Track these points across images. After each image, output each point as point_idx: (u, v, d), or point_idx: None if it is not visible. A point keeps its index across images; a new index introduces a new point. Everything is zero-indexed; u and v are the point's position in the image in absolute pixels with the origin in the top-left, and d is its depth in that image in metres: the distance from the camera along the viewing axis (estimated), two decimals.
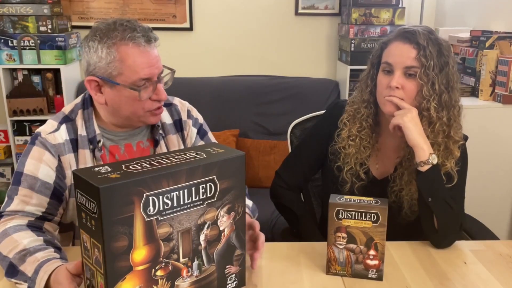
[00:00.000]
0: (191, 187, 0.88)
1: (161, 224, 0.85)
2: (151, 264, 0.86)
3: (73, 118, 1.24)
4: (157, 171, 0.83)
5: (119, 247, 0.81)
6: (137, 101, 1.17)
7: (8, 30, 2.70)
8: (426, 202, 1.22)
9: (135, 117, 1.21)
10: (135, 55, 1.14)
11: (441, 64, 1.23)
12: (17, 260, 1.02)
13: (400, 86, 1.24)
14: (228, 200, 0.95)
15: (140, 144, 1.29)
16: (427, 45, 1.22)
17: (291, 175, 1.49)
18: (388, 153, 1.37)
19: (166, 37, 3.05)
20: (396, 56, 1.25)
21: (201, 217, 0.91)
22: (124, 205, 0.80)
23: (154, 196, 0.83)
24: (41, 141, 1.19)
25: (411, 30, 1.25)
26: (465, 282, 1.09)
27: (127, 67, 1.14)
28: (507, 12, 2.42)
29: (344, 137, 1.36)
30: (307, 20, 3.08)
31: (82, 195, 0.82)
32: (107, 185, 0.77)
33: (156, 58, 1.18)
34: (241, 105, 2.84)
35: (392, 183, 1.35)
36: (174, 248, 0.89)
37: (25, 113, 2.73)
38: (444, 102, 1.24)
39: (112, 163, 0.87)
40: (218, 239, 0.96)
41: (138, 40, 1.14)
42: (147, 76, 1.16)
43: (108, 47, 1.13)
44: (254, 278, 1.09)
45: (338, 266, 1.11)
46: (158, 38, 1.21)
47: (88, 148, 1.22)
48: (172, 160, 0.89)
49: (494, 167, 2.21)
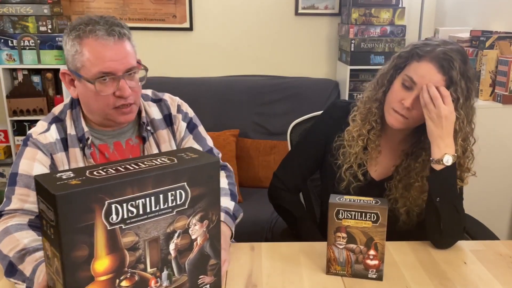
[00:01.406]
0: (159, 194, 0.84)
1: (125, 232, 0.81)
2: (114, 275, 0.82)
3: (63, 118, 1.26)
4: (120, 178, 0.79)
5: (79, 256, 0.77)
6: (99, 96, 1.16)
7: (8, 30, 2.70)
8: (433, 202, 1.21)
9: (103, 114, 1.21)
10: (95, 48, 1.14)
11: (466, 98, 1.20)
12: (16, 259, 1.02)
13: (412, 108, 1.21)
14: (200, 208, 0.91)
15: (129, 142, 1.30)
16: (459, 81, 1.17)
17: (289, 176, 1.48)
18: (388, 156, 1.37)
19: (166, 37, 3.05)
20: (423, 79, 1.19)
21: (170, 226, 0.87)
22: (84, 213, 0.75)
23: (117, 204, 0.79)
24: (33, 142, 1.21)
25: (449, 57, 1.17)
26: (465, 282, 1.09)
27: (86, 59, 1.14)
28: (507, 12, 2.42)
29: (353, 135, 1.33)
30: (307, 20, 3.08)
31: (42, 201, 0.78)
32: (64, 192, 0.73)
33: (121, 53, 1.16)
34: (241, 105, 2.84)
35: (388, 191, 1.34)
36: (140, 257, 0.84)
37: (25, 113, 2.73)
38: (459, 127, 1.21)
39: (77, 168, 0.83)
40: (190, 248, 0.92)
41: (98, 33, 1.14)
42: (107, 70, 1.15)
43: (72, 39, 1.15)
44: (254, 278, 1.10)
45: (338, 266, 1.11)
46: (129, 34, 1.19)
47: (78, 146, 1.23)
48: (141, 166, 0.85)
49: (494, 167, 2.21)
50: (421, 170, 1.28)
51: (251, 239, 1.32)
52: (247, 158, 2.71)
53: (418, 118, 1.23)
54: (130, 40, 1.20)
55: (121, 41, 1.16)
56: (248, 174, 2.68)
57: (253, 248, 1.24)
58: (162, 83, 2.77)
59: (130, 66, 1.18)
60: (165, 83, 2.81)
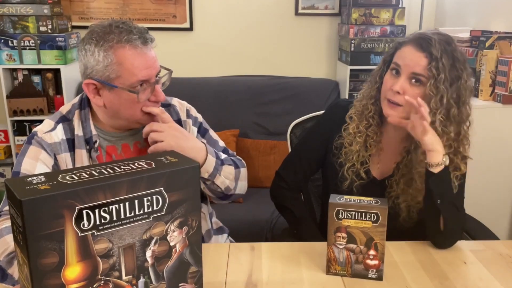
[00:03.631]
0: (134, 200, 0.81)
1: (98, 239, 0.78)
2: (87, 282, 0.79)
3: (70, 118, 1.25)
4: (92, 183, 0.76)
5: (48, 264, 0.74)
6: (136, 103, 1.17)
7: (8, 30, 2.70)
8: (435, 203, 1.21)
9: (133, 119, 1.21)
10: (133, 58, 1.14)
11: (452, 78, 1.20)
12: (6, 263, 1.01)
13: (402, 92, 1.22)
14: (179, 214, 0.88)
15: (137, 145, 1.29)
16: (440, 57, 1.19)
17: (292, 175, 1.48)
18: (390, 154, 1.37)
19: (166, 37, 3.05)
20: (405, 60, 1.23)
21: (146, 232, 0.84)
22: (53, 219, 0.73)
23: (88, 210, 0.76)
24: (37, 140, 1.20)
25: (428, 37, 1.22)
26: (465, 282, 1.09)
27: (125, 69, 1.13)
28: (507, 12, 2.42)
29: (351, 132, 1.35)
30: (307, 20, 3.08)
31: (11, 206, 0.75)
32: (31, 198, 0.70)
33: (153, 59, 1.18)
34: (241, 105, 2.84)
35: (389, 188, 1.35)
36: (115, 265, 0.82)
37: (25, 113, 2.73)
38: (453, 116, 1.22)
39: (50, 172, 0.81)
40: (169, 256, 0.89)
41: (135, 42, 1.14)
42: (145, 78, 1.16)
43: (105, 50, 1.13)
44: (254, 278, 1.10)
45: (338, 266, 1.11)
46: (154, 39, 1.21)
47: (85, 148, 1.22)
48: (116, 170, 0.82)
49: (494, 167, 2.21)
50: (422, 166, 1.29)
51: (251, 239, 1.32)
52: (247, 158, 2.71)
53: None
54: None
55: (151, 46, 1.19)
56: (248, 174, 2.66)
57: (253, 248, 1.24)
58: None
59: (159, 71, 1.21)
60: None
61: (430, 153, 1.20)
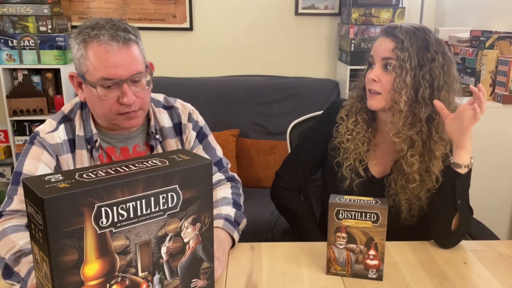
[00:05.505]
0: (150, 197, 0.82)
1: (116, 236, 0.80)
2: (105, 279, 0.80)
3: (72, 118, 1.24)
4: (110, 180, 0.77)
5: (68, 261, 0.75)
6: (102, 100, 1.15)
7: (8, 30, 2.70)
8: (455, 203, 1.22)
9: (107, 119, 1.20)
10: (97, 54, 1.12)
11: (423, 59, 1.22)
12: (12, 261, 1.02)
13: (377, 79, 1.25)
14: (193, 211, 0.89)
15: (136, 148, 1.28)
16: (405, 38, 1.23)
17: (292, 175, 1.49)
18: (386, 151, 1.37)
19: (166, 37, 3.05)
20: (376, 49, 1.28)
21: (162, 229, 0.86)
22: (73, 217, 0.74)
23: (107, 207, 0.77)
24: (40, 141, 1.19)
25: (393, 25, 1.28)
26: (465, 282, 1.09)
27: (90, 64, 1.13)
28: (507, 12, 2.42)
29: (342, 131, 1.37)
30: (307, 20, 3.08)
31: (30, 205, 0.76)
32: (52, 196, 0.71)
33: (125, 59, 1.13)
34: (241, 105, 2.84)
35: (388, 186, 1.35)
36: (131, 261, 0.83)
37: (25, 113, 2.73)
38: (422, 98, 1.23)
39: (67, 171, 0.82)
40: (182, 252, 0.90)
41: (102, 39, 1.12)
42: (109, 77, 1.13)
43: (78, 43, 1.15)
44: (254, 278, 1.10)
45: (338, 266, 1.11)
46: (133, 39, 1.15)
47: (86, 148, 1.22)
48: (131, 168, 0.83)
49: (494, 167, 2.21)
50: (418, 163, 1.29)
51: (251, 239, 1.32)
52: (247, 158, 2.71)
53: (388, 85, 1.24)
54: (138, 45, 1.17)
55: (126, 46, 1.13)
56: (248, 174, 2.68)
57: (253, 248, 1.24)
58: (162, 83, 2.77)
59: (136, 72, 1.15)
60: (165, 83, 2.81)
61: (459, 151, 1.20)
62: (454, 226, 1.24)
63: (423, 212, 1.34)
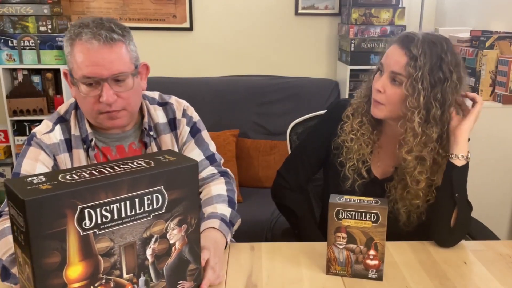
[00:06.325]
0: (134, 199, 0.81)
1: (99, 238, 0.79)
2: (89, 281, 0.79)
3: (68, 119, 1.25)
4: (94, 182, 0.76)
5: (50, 263, 0.74)
6: (84, 98, 1.16)
7: (8, 30, 2.70)
8: (453, 196, 1.22)
9: (91, 118, 1.21)
10: (79, 51, 1.13)
11: (435, 79, 1.19)
12: (9, 262, 1.01)
13: (383, 90, 1.24)
14: (178, 212, 0.88)
15: (132, 146, 1.29)
16: (420, 55, 1.18)
17: (293, 175, 1.48)
18: (390, 153, 1.37)
19: (166, 37, 3.05)
20: (387, 59, 1.25)
21: (147, 230, 0.85)
22: (55, 219, 0.73)
23: (90, 209, 0.76)
24: (37, 142, 1.21)
25: (411, 35, 1.22)
26: (465, 282, 1.09)
27: (75, 62, 1.14)
28: (507, 12, 2.42)
29: (347, 130, 1.36)
30: (307, 20, 3.08)
31: (12, 206, 0.75)
32: (34, 197, 0.70)
33: (106, 58, 1.12)
34: (241, 105, 2.84)
35: (388, 192, 1.35)
36: (116, 263, 0.82)
37: (25, 113, 2.73)
38: (433, 118, 1.21)
39: (50, 172, 0.81)
40: (168, 253, 0.90)
41: (84, 37, 1.12)
42: (89, 75, 1.12)
43: (66, 41, 1.16)
44: (254, 278, 1.09)
45: (338, 266, 1.11)
46: (116, 38, 1.13)
47: (82, 147, 1.23)
48: (116, 169, 0.82)
49: (494, 167, 2.21)
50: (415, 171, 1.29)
51: (251, 239, 1.32)
52: (247, 158, 2.71)
53: (394, 98, 1.23)
54: (126, 44, 1.16)
55: (108, 45, 1.12)
56: (248, 174, 2.68)
57: (253, 248, 1.24)
58: (162, 83, 2.77)
59: (117, 72, 1.13)
60: (165, 83, 2.81)
61: (460, 141, 1.22)
62: (453, 223, 1.24)
63: (422, 220, 1.33)
